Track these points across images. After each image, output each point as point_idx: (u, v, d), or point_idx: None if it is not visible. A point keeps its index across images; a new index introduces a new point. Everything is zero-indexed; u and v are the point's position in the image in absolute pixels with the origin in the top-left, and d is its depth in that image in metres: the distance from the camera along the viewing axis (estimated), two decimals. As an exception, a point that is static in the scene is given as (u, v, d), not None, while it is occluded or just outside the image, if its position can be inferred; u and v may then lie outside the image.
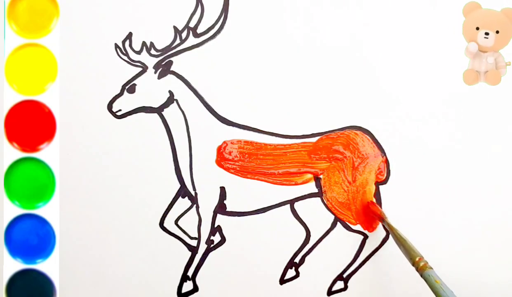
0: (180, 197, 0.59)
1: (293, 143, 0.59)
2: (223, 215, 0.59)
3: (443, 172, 0.58)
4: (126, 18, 0.60)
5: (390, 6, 0.59)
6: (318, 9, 0.59)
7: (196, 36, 0.59)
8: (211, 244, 0.59)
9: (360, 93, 0.59)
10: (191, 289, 0.59)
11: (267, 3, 0.59)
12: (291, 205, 0.59)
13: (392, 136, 0.58)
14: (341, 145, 0.58)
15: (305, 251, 0.59)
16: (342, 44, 0.59)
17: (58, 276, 0.60)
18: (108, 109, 0.59)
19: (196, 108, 0.59)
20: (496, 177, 0.58)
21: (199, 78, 0.59)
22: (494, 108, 0.58)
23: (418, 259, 0.51)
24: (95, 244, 0.60)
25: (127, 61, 0.59)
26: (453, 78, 0.59)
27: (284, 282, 0.59)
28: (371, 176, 0.58)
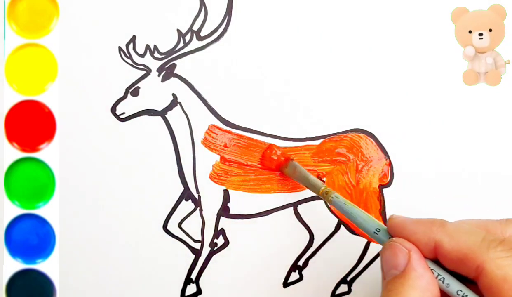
0: (183, 200, 0.59)
1: (296, 146, 0.59)
2: (227, 218, 0.59)
3: (447, 174, 0.58)
4: (127, 18, 0.60)
5: (392, 8, 0.59)
6: (322, 12, 0.59)
7: (200, 39, 0.59)
8: (215, 247, 0.59)
9: (363, 96, 0.59)
10: (195, 292, 0.59)
11: (270, 6, 0.59)
12: (294, 208, 0.59)
13: (395, 139, 0.58)
14: (345, 148, 0.58)
15: (308, 254, 0.59)
16: (346, 47, 0.59)
17: (58, 276, 0.60)
18: (112, 112, 0.59)
19: (200, 110, 0.59)
20: (501, 179, 0.58)
21: (203, 81, 0.59)
22: (497, 109, 0.59)
23: (323, 189, 0.51)
24: (95, 245, 0.60)
25: (131, 64, 0.59)
26: (454, 80, 0.59)
27: (288, 285, 0.59)
28: (374, 179, 0.58)
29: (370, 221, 0.46)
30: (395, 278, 0.40)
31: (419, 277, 0.39)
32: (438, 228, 0.40)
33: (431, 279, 0.39)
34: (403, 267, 0.40)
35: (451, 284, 0.40)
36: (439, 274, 0.40)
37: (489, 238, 0.38)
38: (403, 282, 0.39)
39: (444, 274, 0.40)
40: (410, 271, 0.39)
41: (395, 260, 0.40)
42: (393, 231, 0.43)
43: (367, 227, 0.46)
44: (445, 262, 0.40)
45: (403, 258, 0.40)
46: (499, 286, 0.36)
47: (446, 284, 0.40)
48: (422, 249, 0.41)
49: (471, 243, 0.38)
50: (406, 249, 0.41)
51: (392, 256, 0.41)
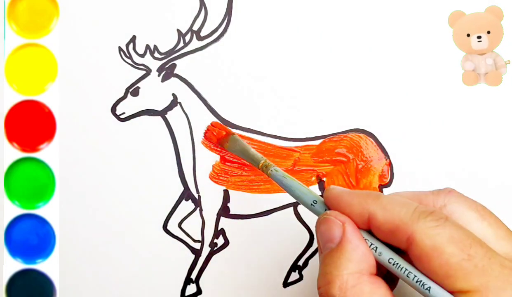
0: (183, 200, 0.59)
1: (296, 146, 0.59)
2: (227, 218, 0.59)
3: (447, 174, 0.58)
4: (127, 18, 0.60)
5: (391, 9, 0.59)
6: (322, 12, 0.59)
7: (200, 39, 0.59)
8: (215, 247, 0.59)
9: (363, 96, 0.59)
10: (195, 292, 0.59)
11: (270, 6, 0.59)
12: (294, 208, 0.59)
13: (395, 139, 0.58)
14: (345, 148, 0.58)
15: (308, 254, 0.59)
16: (346, 47, 0.59)
17: (58, 276, 0.60)
18: (112, 112, 0.59)
19: (200, 110, 0.59)
20: (500, 179, 0.58)
21: (203, 81, 0.59)
22: (498, 109, 0.59)
23: (262, 162, 0.51)
24: (95, 245, 0.60)
25: (131, 64, 0.59)
26: (454, 80, 0.59)
27: (288, 285, 0.59)
28: (374, 179, 0.58)
29: (308, 194, 0.45)
30: (331, 251, 0.40)
31: (355, 249, 0.39)
32: (373, 200, 0.40)
33: (366, 250, 0.39)
34: (338, 239, 0.40)
35: (383, 253, 0.40)
36: (372, 244, 0.40)
37: (420, 209, 0.38)
38: (340, 255, 0.39)
39: (377, 243, 0.40)
40: (345, 243, 0.39)
41: (330, 233, 0.40)
42: (329, 202, 0.42)
43: (305, 199, 0.45)
44: (378, 233, 0.40)
45: (338, 231, 0.40)
46: (429, 254, 0.36)
47: (379, 253, 0.40)
48: (356, 220, 0.40)
49: (403, 215, 0.38)
50: (340, 222, 0.40)
51: (327, 230, 0.40)
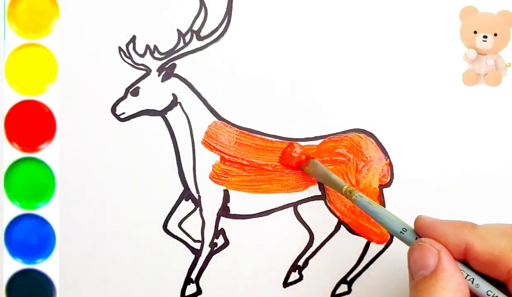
0: (183, 200, 0.59)
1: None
2: (227, 218, 0.59)
3: (447, 174, 0.58)
4: (127, 18, 0.60)
5: (391, 9, 0.59)
6: (322, 12, 0.59)
7: (200, 39, 0.59)
8: (215, 247, 0.59)
9: (363, 96, 0.59)
10: (195, 292, 0.59)
11: (270, 6, 0.59)
12: (294, 207, 0.59)
13: (395, 139, 0.58)
14: (345, 148, 0.58)
15: (308, 254, 0.59)
16: (346, 47, 0.59)
17: (58, 276, 0.60)
18: (112, 112, 0.59)
19: (200, 110, 0.59)
20: (501, 179, 0.58)
21: (203, 81, 0.59)
22: (497, 110, 0.59)
23: (345, 188, 0.51)
24: (95, 245, 0.60)
25: (131, 64, 0.59)
26: (454, 80, 0.59)
27: (288, 285, 0.59)
28: (374, 179, 0.58)
29: (396, 221, 0.47)
30: (425, 278, 0.40)
31: (450, 278, 0.39)
32: (469, 231, 0.41)
33: (461, 280, 0.40)
34: (433, 267, 0.40)
35: (480, 284, 0.40)
36: (468, 275, 0.40)
37: None
38: (434, 282, 0.39)
39: (473, 275, 0.40)
40: (441, 272, 0.40)
41: (425, 260, 0.41)
42: (421, 231, 0.43)
43: (393, 227, 0.46)
44: (475, 264, 0.40)
45: (433, 259, 0.40)
46: None
47: (476, 285, 0.40)
48: (451, 250, 0.41)
49: (503, 246, 0.39)
50: (436, 249, 0.41)
51: (422, 257, 0.41)
